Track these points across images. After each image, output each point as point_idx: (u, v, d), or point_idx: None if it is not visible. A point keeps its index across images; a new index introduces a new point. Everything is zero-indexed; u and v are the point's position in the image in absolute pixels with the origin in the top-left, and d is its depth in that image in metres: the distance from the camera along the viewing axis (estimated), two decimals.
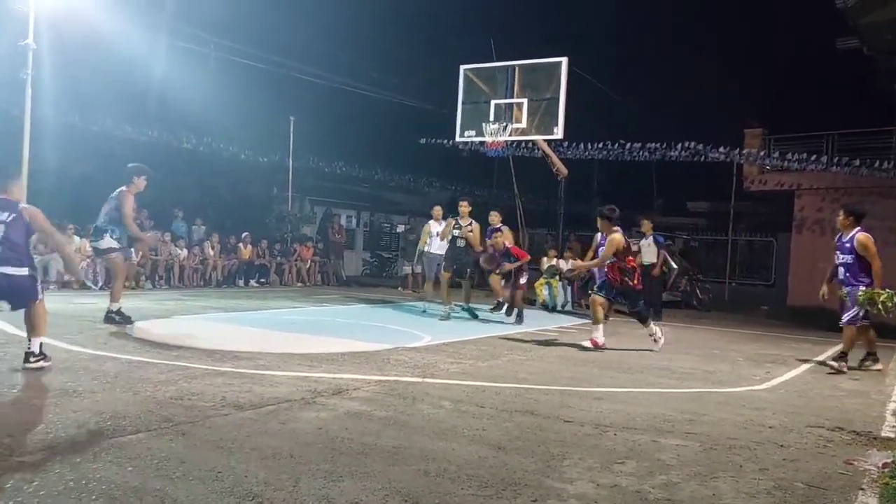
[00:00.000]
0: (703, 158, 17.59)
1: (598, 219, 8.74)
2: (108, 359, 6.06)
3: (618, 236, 8.44)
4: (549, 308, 14.19)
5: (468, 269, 11.10)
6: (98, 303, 8.57)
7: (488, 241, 10.85)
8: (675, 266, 14.31)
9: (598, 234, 11.91)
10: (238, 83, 21.18)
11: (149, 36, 18.57)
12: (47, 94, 13.97)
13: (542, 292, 14.73)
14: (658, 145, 17.44)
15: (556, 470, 3.66)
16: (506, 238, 10.87)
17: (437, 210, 12.01)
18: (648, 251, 12.96)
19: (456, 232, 10.93)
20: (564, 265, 14.95)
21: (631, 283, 8.51)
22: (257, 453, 3.64)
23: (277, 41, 22.72)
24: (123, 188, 8.49)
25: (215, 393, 4.88)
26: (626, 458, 3.96)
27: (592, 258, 12.07)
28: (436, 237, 11.49)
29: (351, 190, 25.23)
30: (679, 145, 17.34)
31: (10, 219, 5.39)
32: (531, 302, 15.04)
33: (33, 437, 3.65)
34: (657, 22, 27.11)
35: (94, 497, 2.90)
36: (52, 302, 7.79)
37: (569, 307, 14.62)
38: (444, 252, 11.24)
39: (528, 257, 11.16)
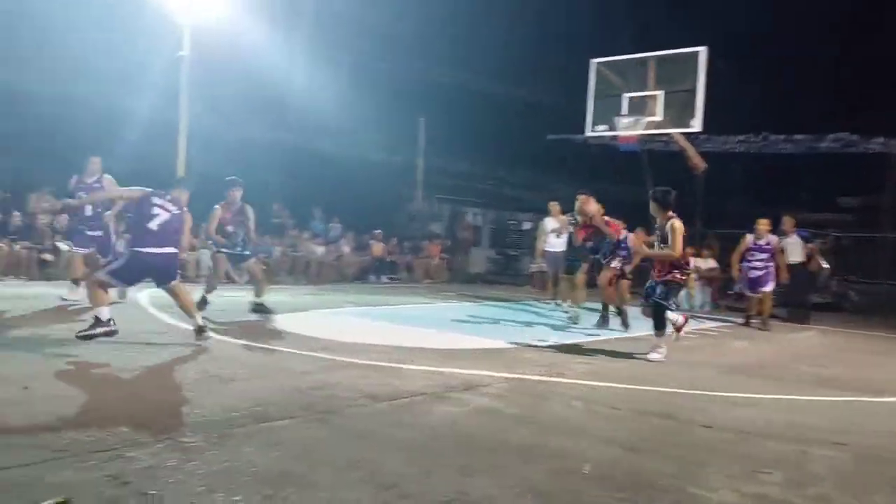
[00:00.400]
0: (854, 150, 16.38)
1: (651, 202, 7.42)
2: (254, 348, 6.44)
3: (680, 223, 7.19)
4: (686, 309, 13.71)
5: (582, 264, 9.98)
6: (244, 296, 9.10)
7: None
8: (826, 265, 13.40)
9: (749, 237, 11.29)
10: (371, 86, 21.84)
11: (288, 43, 19.50)
12: (197, 102, 14.97)
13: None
14: (805, 136, 16.40)
15: (695, 476, 3.53)
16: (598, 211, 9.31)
17: (554, 206, 11.54)
18: (793, 249, 12.21)
19: (572, 227, 10.51)
20: (703, 264, 14.40)
21: (679, 278, 7.29)
22: (393, 444, 3.74)
23: (408, 44, 23.23)
24: (220, 203, 8.92)
25: (352, 384, 5.06)
26: (773, 467, 3.75)
27: (739, 262, 11.47)
28: (552, 234, 11.15)
29: (478, 188, 25.39)
30: (829, 136, 16.23)
31: (176, 212, 6.40)
32: None
33: (191, 419, 3.93)
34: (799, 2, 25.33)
35: (244, 478, 3.08)
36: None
37: (707, 308, 14.07)
38: (564, 249, 10.83)
39: (620, 234, 9.30)
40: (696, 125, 12.62)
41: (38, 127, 15.47)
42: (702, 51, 12.48)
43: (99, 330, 5.89)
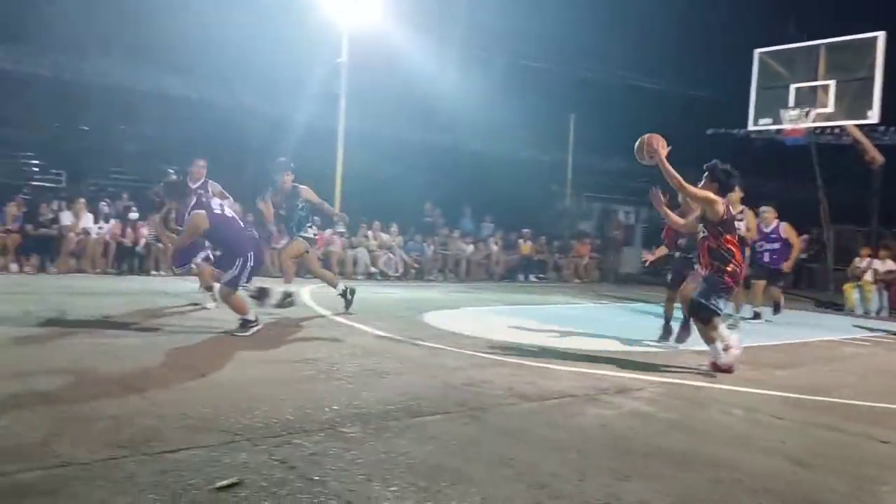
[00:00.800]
0: None
1: (705, 179, 6.16)
2: (408, 344, 6.64)
3: (715, 196, 5.95)
4: (861, 314, 12.72)
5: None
6: (397, 293, 9.41)
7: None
8: None
9: None
10: (521, 85, 21.86)
11: (440, 46, 19.96)
12: (353, 105, 15.68)
13: (852, 296, 13.23)
14: None
15: (870, 494, 3.28)
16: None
17: None
18: None
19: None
20: (880, 266, 13.28)
21: (724, 267, 5.98)
22: (544, 444, 3.75)
23: (559, 42, 23.04)
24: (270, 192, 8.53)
25: (503, 382, 5.11)
26: None
27: None
28: None
29: (630, 185, 24.71)
30: None
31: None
32: (838, 307, 13.58)
33: (350, 410, 4.13)
34: None
35: (401, 470, 3.20)
36: (358, 291, 8.74)
37: (885, 313, 12.95)
38: None
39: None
40: (873, 116, 11.67)
41: (215, 133, 16.77)
42: (880, 36, 11.53)
43: (250, 331, 6.46)
